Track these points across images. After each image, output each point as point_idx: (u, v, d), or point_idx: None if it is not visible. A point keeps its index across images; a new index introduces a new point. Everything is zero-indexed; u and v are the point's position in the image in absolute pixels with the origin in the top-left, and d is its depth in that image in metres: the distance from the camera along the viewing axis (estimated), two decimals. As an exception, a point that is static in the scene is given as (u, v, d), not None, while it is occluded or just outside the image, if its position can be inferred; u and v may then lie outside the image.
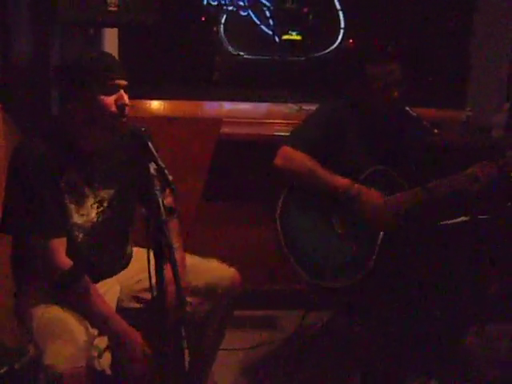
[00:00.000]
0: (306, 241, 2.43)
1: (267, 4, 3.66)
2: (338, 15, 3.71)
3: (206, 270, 2.12)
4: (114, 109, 1.85)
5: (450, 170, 2.47)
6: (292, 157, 2.45)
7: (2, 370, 2.20)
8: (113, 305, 1.98)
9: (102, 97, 1.84)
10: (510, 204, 2.59)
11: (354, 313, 2.62)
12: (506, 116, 3.27)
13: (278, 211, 2.45)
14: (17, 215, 1.84)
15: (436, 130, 2.40)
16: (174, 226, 2.05)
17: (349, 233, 2.45)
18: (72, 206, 1.89)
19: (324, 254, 2.42)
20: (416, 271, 2.36)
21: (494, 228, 2.45)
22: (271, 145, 2.57)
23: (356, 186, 2.40)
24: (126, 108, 1.88)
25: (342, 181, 2.41)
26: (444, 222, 2.39)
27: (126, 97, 1.88)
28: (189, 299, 2.00)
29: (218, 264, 2.16)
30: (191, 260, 2.13)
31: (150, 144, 1.73)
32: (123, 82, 1.88)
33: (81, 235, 1.93)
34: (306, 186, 2.46)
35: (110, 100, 1.85)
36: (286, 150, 2.46)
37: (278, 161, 2.46)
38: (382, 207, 2.40)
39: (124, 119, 1.88)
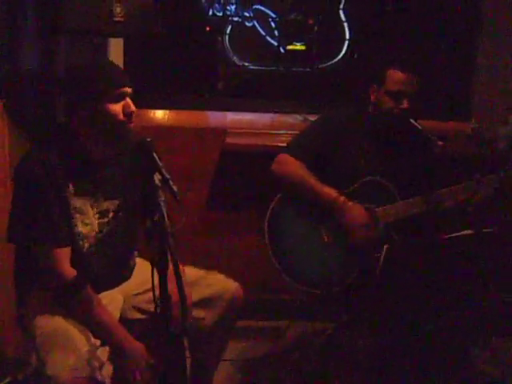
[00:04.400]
0: (293, 248, 2.50)
1: (272, 15, 3.67)
2: (343, 27, 3.72)
3: (210, 283, 2.13)
4: (121, 117, 1.87)
5: (454, 183, 2.47)
6: (286, 163, 2.53)
7: (6, 381, 2.20)
8: (116, 315, 1.98)
9: (110, 105, 1.85)
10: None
11: (358, 324, 2.62)
12: (512, 128, 3.26)
13: (267, 219, 2.51)
14: (22, 224, 1.84)
15: (440, 143, 2.40)
16: None
17: (335, 241, 2.49)
18: (77, 216, 1.90)
19: (310, 261, 2.48)
20: (420, 283, 2.36)
21: (499, 241, 2.44)
22: (275, 155, 2.57)
23: (341, 198, 2.44)
24: (133, 115, 1.90)
25: (329, 192, 2.45)
26: (448, 235, 2.39)
27: (132, 104, 1.89)
28: (193, 312, 2.00)
29: (221, 277, 2.17)
30: (195, 273, 2.13)
31: (154, 155, 1.73)
32: (129, 90, 1.89)
33: (86, 244, 1.93)
34: (296, 193, 2.52)
35: (117, 108, 1.86)
36: (283, 157, 2.54)
37: (273, 166, 2.56)
38: (360, 223, 2.43)
39: (130, 125, 1.90)
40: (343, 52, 3.76)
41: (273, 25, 3.70)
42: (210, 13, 3.64)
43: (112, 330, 1.85)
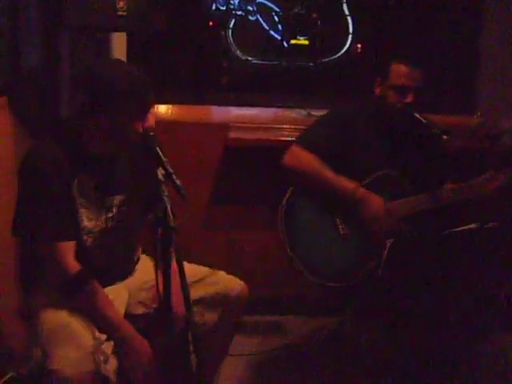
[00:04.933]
0: (309, 241, 2.48)
1: (276, 9, 3.67)
2: (347, 20, 3.72)
3: (215, 281, 2.12)
4: (141, 131, 1.85)
5: (459, 177, 2.46)
6: (300, 157, 2.49)
7: (9, 375, 2.21)
8: (122, 311, 1.98)
9: (136, 124, 1.84)
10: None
11: (362, 319, 2.62)
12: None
13: (283, 211, 2.49)
14: (28, 217, 1.84)
15: (445, 137, 2.40)
16: None
17: (352, 234, 2.48)
18: (83, 210, 1.90)
19: (327, 254, 2.47)
20: (425, 279, 2.36)
21: (503, 235, 2.44)
22: (279, 150, 2.57)
23: (361, 189, 2.42)
24: None
25: (347, 183, 2.44)
26: (452, 230, 2.39)
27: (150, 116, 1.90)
28: (196, 310, 2.00)
29: (226, 276, 2.16)
30: (200, 271, 2.13)
31: (158, 149, 1.73)
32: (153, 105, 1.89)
33: (90, 239, 1.93)
34: (311, 187, 2.50)
35: (141, 125, 1.85)
36: (295, 150, 2.51)
37: (286, 160, 2.51)
38: (381, 214, 2.41)
39: None
40: (347, 46, 3.75)
41: (276, 19, 3.70)
42: (214, 7, 3.65)
43: (117, 325, 1.85)
